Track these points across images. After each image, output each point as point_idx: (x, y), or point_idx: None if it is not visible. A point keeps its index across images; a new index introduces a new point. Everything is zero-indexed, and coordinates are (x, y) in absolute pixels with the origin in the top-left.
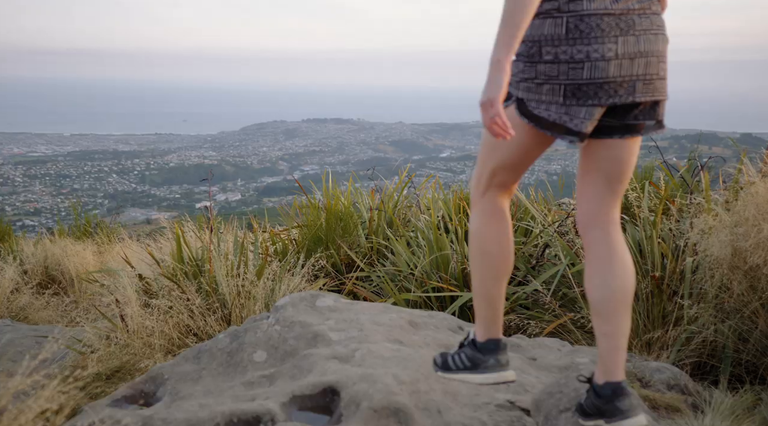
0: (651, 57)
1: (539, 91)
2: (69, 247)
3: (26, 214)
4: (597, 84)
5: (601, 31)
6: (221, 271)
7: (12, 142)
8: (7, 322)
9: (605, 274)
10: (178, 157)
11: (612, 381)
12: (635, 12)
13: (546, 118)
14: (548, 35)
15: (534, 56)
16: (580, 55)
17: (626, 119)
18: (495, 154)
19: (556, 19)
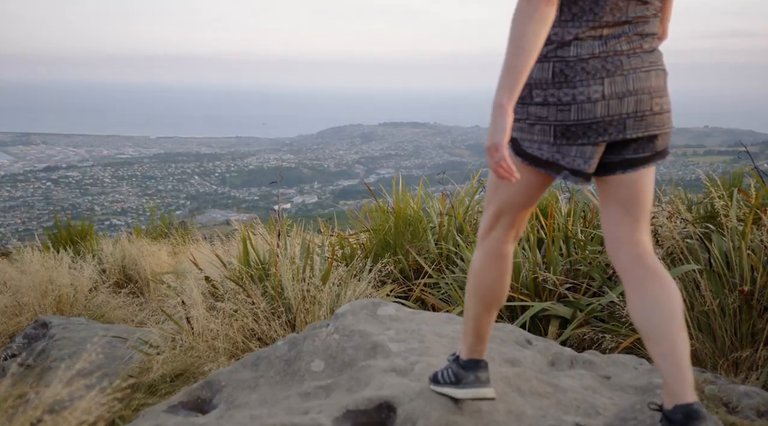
0: (642, 94)
1: (531, 131)
2: (145, 247)
3: (114, 214)
4: (585, 124)
5: (586, 74)
6: (287, 275)
7: (102, 145)
8: (83, 320)
9: (643, 295)
10: (257, 160)
11: (681, 403)
12: (623, 53)
13: (539, 156)
14: (537, 79)
15: (525, 98)
16: (566, 98)
17: (624, 154)
18: (499, 194)
19: (543, 64)
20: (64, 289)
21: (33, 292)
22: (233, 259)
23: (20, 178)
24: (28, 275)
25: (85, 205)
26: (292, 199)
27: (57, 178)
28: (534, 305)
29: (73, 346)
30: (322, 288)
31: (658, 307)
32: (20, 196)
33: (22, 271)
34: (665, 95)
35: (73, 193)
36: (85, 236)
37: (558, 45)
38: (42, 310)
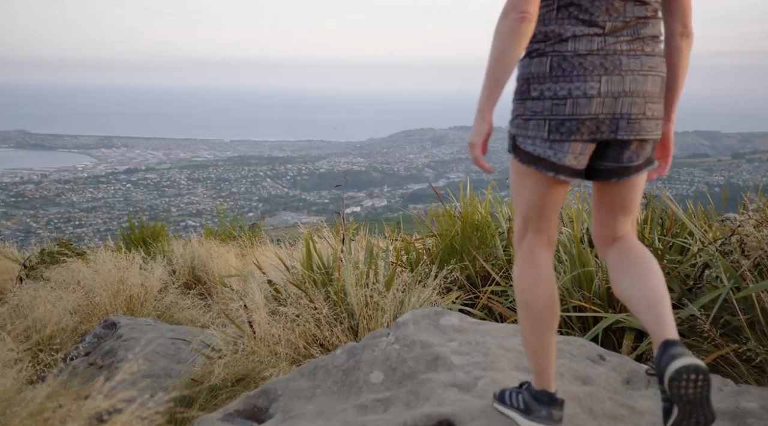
0: (637, 97)
1: (526, 127)
2: (214, 249)
3: (189, 215)
4: (579, 120)
5: (583, 69)
6: (350, 280)
7: (179, 148)
8: (150, 320)
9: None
10: (328, 163)
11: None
12: (623, 53)
13: (531, 152)
14: (534, 73)
15: (524, 93)
16: (563, 92)
17: (621, 162)
18: (519, 200)
19: (541, 58)
20: (134, 290)
21: (105, 292)
22: (297, 263)
23: (102, 179)
24: (101, 275)
25: (162, 206)
26: (362, 203)
27: (136, 180)
28: (607, 316)
29: (139, 346)
30: (385, 294)
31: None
32: (102, 197)
33: (96, 271)
34: (659, 102)
35: (151, 195)
36: (157, 237)
37: (556, 41)
38: (113, 309)
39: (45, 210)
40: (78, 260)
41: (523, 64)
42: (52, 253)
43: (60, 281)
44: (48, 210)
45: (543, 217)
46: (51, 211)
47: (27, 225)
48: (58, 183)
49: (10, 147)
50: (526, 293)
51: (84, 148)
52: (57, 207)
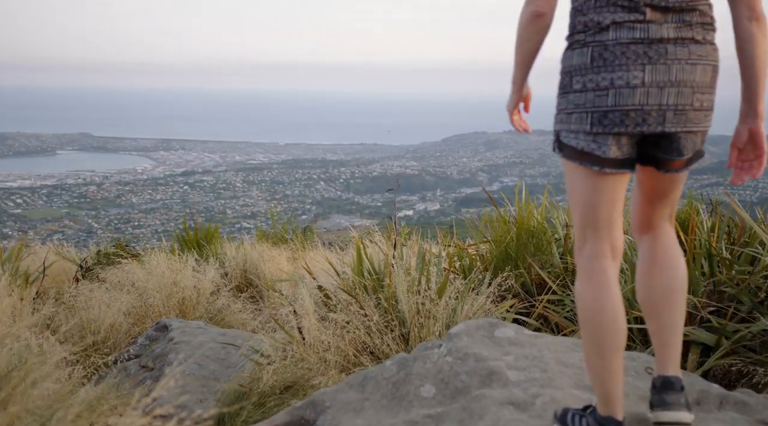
0: (684, 87)
1: (569, 121)
2: (266, 252)
3: (244, 217)
4: (623, 111)
5: (626, 58)
6: (401, 287)
7: (234, 151)
8: (201, 324)
9: (646, 275)
10: (381, 167)
11: (662, 374)
12: (670, 41)
13: (575, 146)
14: (576, 65)
15: (566, 87)
16: (604, 83)
17: (669, 154)
18: (574, 202)
19: (582, 49)
20: (187, 292)
21: (158, 294)
22: (347, 268)
23: (160, 181)
24: (155, 277)
25: (217, 208)
26: (415, 206)
27: (193, 182)
28: None
29: (189, 350)
30: (437, 301)
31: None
32: (160, 198)
33: (150, 273)
34: (709, 93)
35: (207, 197)
36: (211, 239)
37: (596, 30)
38: (166, 311)
39: (106, 211)
40: (133, 262)
41: (565, 56)
42: (108, 254)
43: (115, 282)
44: (108, 211)
45: (601, 220)
46: (111, 212)
47: (89, 225)
48: (118, 184)
49: (75, 149)
50: (589, 310)
51: (143, 150)
52: (117, 208)
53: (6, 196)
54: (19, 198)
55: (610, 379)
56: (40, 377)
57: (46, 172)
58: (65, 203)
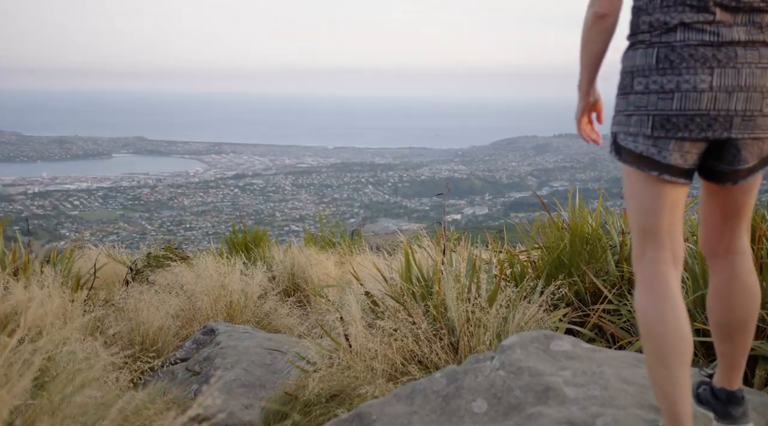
0: (753, 92)
1: (628, 123)
2: (313, 256)
3: (293, 220)
4: (687, 116)
5: (694, 61)
6: (451, 294)
7: (284, 154)
8: (248, 328)
9: (722, 301)
10: (429, 171)
11: (728, 389)
12: (740, 44)
13: (633, 150)
14: (639, 66)
15: (626, 87)
16: (670, 85)
17: (736, 163)
18: (632, 208)
19: (647, 50)
20: (235, 295)
21: (206, 297)
22: (395, 274)
23: (212, 184)
24: (203, 280)
25: (267, 211)
26: (463, 210)
27: (243, 185)
28: None
29: (235, 355)
30: (488, 310)
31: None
32: (211, 201)
33: (198, 276)
34: None
35: (257, 200)
36: (259, 243)
37: (662, 30)
38: (213, 314)
39: (159, 213)
40: (182, 264)
41: (627, 56)
42: (158, 257)
43: (164, 285)
44: (161, 213)
45: (662, 227)
46: (164, 214)
47: (142, 227)
48: (171, 187)
49: (129, 152)
50: (651, 322)
51: (196, 153)
52: (170, 210)
53: (64, 198)
54: (76, 200)
55: (677, 395)
56: (87, 381)
57: (102, 174)
58: (120, 205)
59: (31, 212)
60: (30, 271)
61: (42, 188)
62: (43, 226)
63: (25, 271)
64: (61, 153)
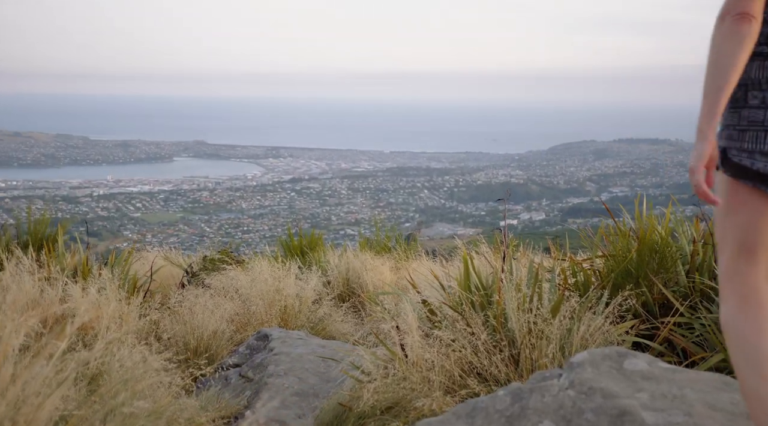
0: None
1: (742, 139)
2: (369, 261)
3: (348, 224)
4: None
5: None
6: (511, 304)
7: (341, 158)
8: (302, 334)
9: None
10: (485, 175)
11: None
12: None
13: (748, 166)
14: (755, 78)
15: (738, 101)
16: None
17: None
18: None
19: (764, 61)
20: (289, 300)
21: (261, 301)
22: (453, 281)
23: (269, 188)
24: (258, 284)
25: (323, 215)
26: (519, 216)
27: (300, 189)
28: None
29: (289, 362)
30: (551, 321)
31: None
32: (268, 204)
33: (253, 280)
34: None
35: (313, 203)
36: (315, 247)
37: None
38: (268, 319)
39: (217, 215)
40: (237, 268)
41: None
42: (214, 260)
43: (219, 288)
44: (220, 216)
45: (762, 245)
46: (223, 217)
47: (201, 229)
48: (229, 190)
49: (190, 156)
50: (748, 336)
51: (254, 157)
52: (228, 213)
53: (127, 200)
54: (138, 202)
55: None
56: (138, 388)
57: (163, 177)
58: (180, 208)
59: (96, 214)
60: (88, 273)
61: (106, 191)
62: (107, 228)
63: (84, 273)
64: (125, 156)
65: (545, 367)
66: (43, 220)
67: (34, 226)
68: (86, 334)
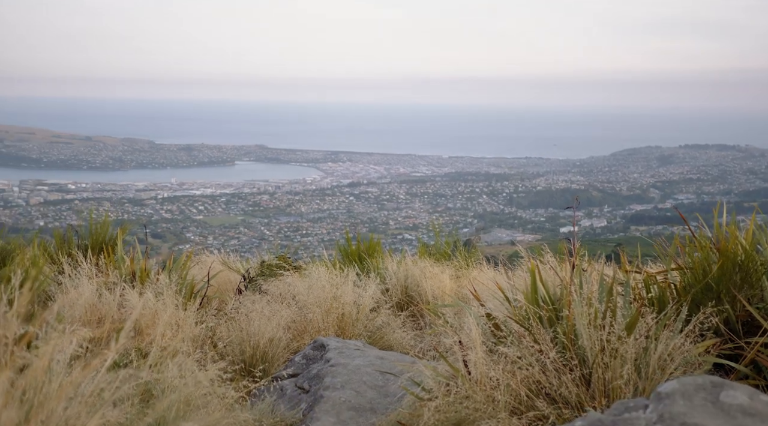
0: None
1: None
2: (428, 269)
3: (406, 229)
4: None
5: None
6: (582, 320)
7: (399, 163)
8: (359, 344)
9: None
10: (545, 181)
11: None
12: None
13: None
14: None
15: None
16: None
17: None
18: None
19: None
20: (347, 308)
21: (318, 309)
22: (519, 293)
23: (327, 192)
24: (315, 291)
25: (381, 219)
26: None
27: (358, 193)
28: None
29: (346, 374)
30: (626, 339)
31: None
32: (327, 208)
33: (310, 287)
34: None
35: (371, 207)
36: (373, 253)
37: None
38: (325, 327)
39: (277, 219)
40: (294, 274)
41: None
42: (271, 266)
43: (276, 295)
44: (279, 219)
45: None
46: (282, 221)
47: (261, 232)
48: (289, 194)
49: (251, 160)
50: None
51: (313, 162)
52: (287, 217)
53: (190, 203)
54: (201, 205)
55: None
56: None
57: (225, 181)
58: (241, 211)
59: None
60: (146, 277)
61: (170, 193)
62: (170, 230)
63: (142, 277)
64: (188, 160)
65: (620, 390)
66: (104, 224)
67: (96, 230)
68: (142, 340)
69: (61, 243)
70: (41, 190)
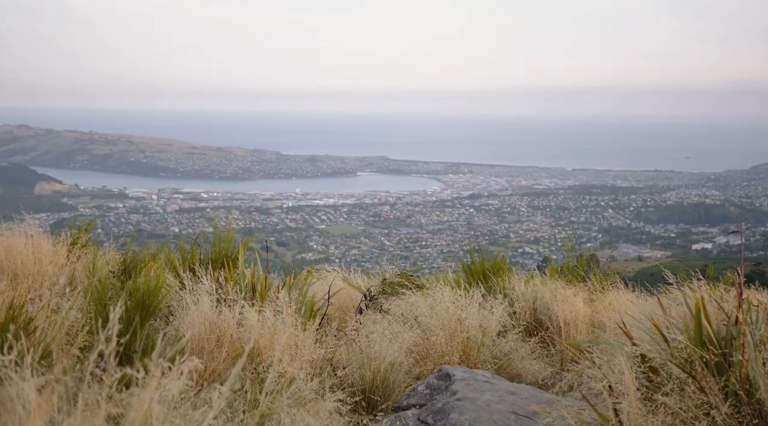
0: None
1: None
2: (559, 291)
3: (527, 242)
4: None
5: None
6: (757, 365)
7: (521, 175)
8: (488, 375)
9: None
10: (676, 195)
11: None
12: None
13: None
14: None
15: None
16: None
17: None
18: None
19: None
20: (472, 331)
21: (441, 332)
22: (677, 331)
23: (447, 203)
24: (439, 312)
25: (501, 232)
26: (714, 239)
27: (479, 205)
28: None
29: (474, 411)
30: None
31: None
32: (446, 220)
33: (433, 307)
34: None
35: (491, 220)
36: (498, 271)
37: None
38: (449, 351)
39: (397, 230)
40: (417, 293)
41: None
42: (393, 284)
43: (398, 315)
44: (399, 230)
45: None
46: (402, 231)
47: (381, 243)
48: (409, 205)
49: (373, 171)
50: None
51: (434, 173)
52: (407, 228)
53: (313, 213)
54: (323, 214)
55: None
56: None
57: (347, 191)
58: (362, 221)
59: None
60: (265, 294)
61: (295, 203)
62: (294, 238)
63: (262, 294)
64: (313, 170)
65: None
66: (227, 239)
67: (219, 245)
68: (260, 363)
69: (185, 257)
70: (177, 198)
